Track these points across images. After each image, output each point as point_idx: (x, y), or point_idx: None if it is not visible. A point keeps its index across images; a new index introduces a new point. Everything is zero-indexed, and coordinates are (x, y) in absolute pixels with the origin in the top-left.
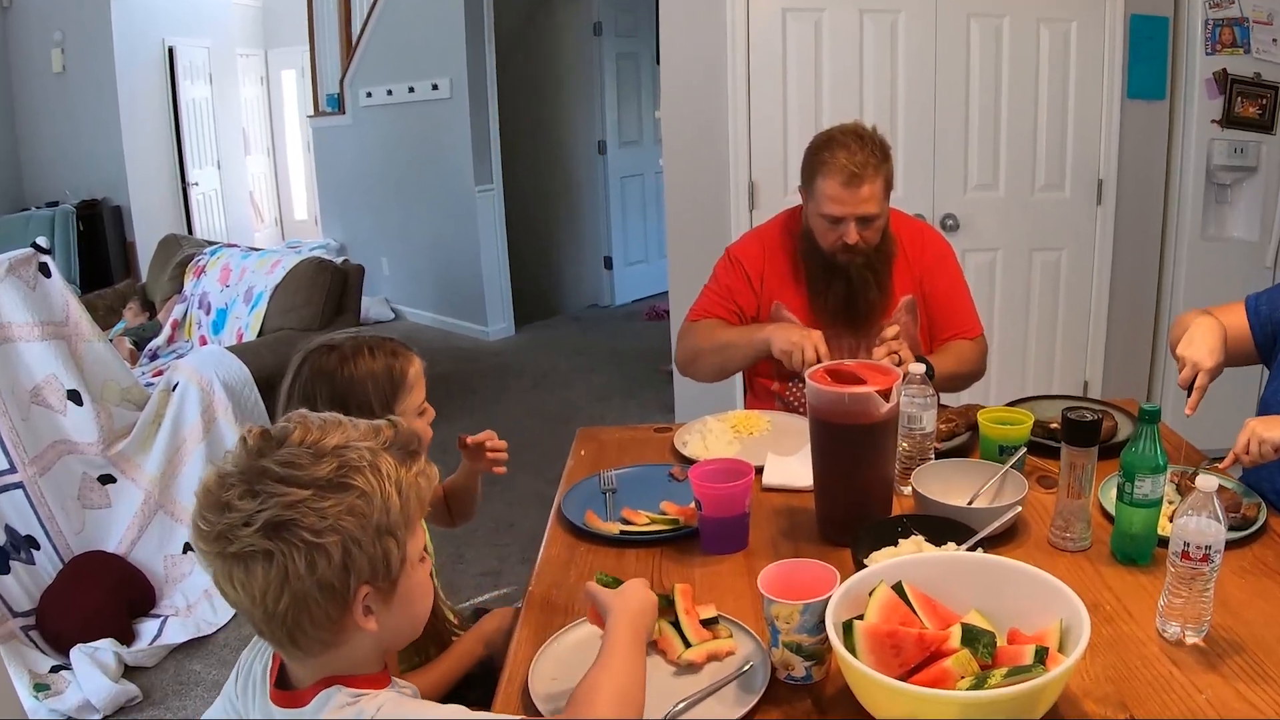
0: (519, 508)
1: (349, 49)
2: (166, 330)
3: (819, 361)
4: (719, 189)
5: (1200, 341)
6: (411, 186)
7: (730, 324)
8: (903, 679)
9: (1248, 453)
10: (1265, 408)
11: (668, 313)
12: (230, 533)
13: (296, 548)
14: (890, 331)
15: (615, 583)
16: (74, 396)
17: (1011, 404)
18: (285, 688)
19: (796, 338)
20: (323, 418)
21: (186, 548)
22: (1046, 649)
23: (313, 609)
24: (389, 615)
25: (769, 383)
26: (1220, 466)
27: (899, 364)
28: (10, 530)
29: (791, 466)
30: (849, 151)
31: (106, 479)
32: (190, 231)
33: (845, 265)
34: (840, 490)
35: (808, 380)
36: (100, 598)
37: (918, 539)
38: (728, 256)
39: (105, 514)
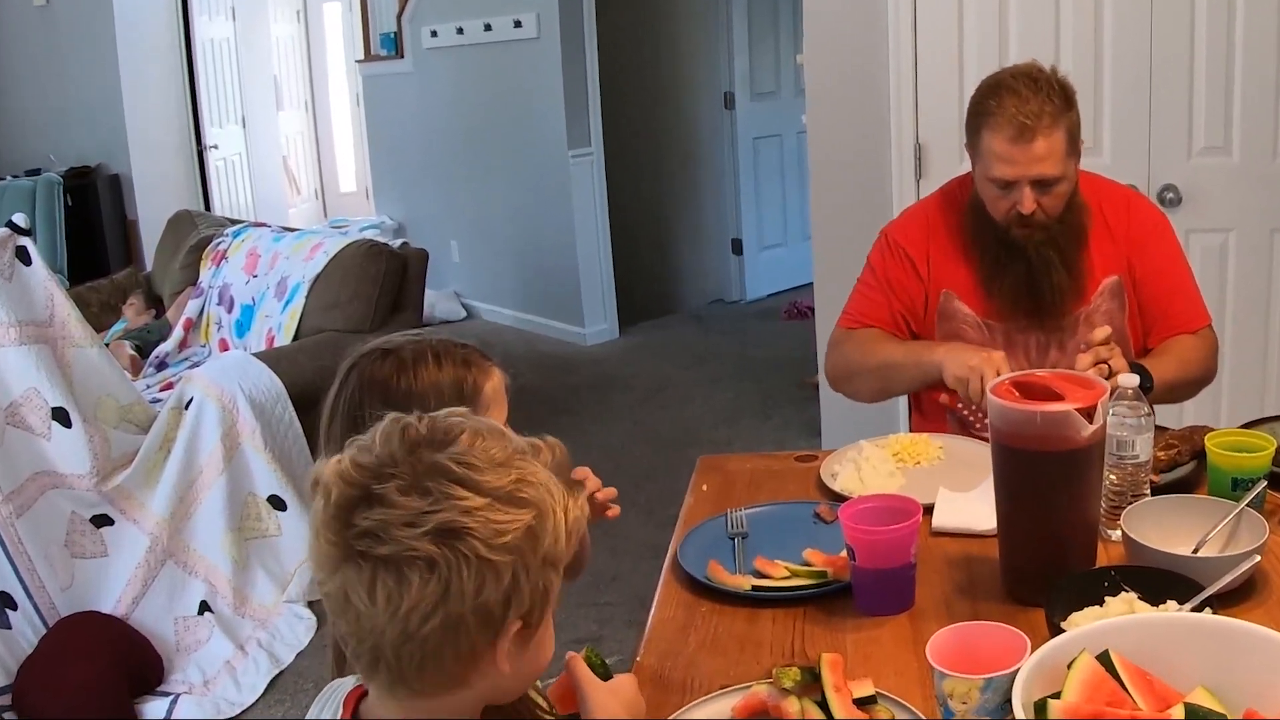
0: (624, 557)
1: None
2: (178, 332)
3: None
4: (877, 153)
5: None
6: (488, 150)
7: (894, 336)
8: None
9: None
10: None
11: (812, 310)
12: (384, 530)
13: (468, 561)
14: (1100, 334)
15: (603, 665)
16: (60, 416)
17: (1248, 425)
18: None
19: (974, 361)
20: (484, 420)
21: (203, 608)
22: None
23: (460, 637)
24: (518, 662)
25: (938, 394)
26: None
27: (1108, 376)
28: None
29: (969, 505)
30: (1019, 99)
31: (102, 520)
32: (208, 207)
33: (1022, 241)
34: (1031, 535)
35: (989, 395)
36: (93, 670)
37: (1129, 596)
38: (884, 240)
39: (100, 565)
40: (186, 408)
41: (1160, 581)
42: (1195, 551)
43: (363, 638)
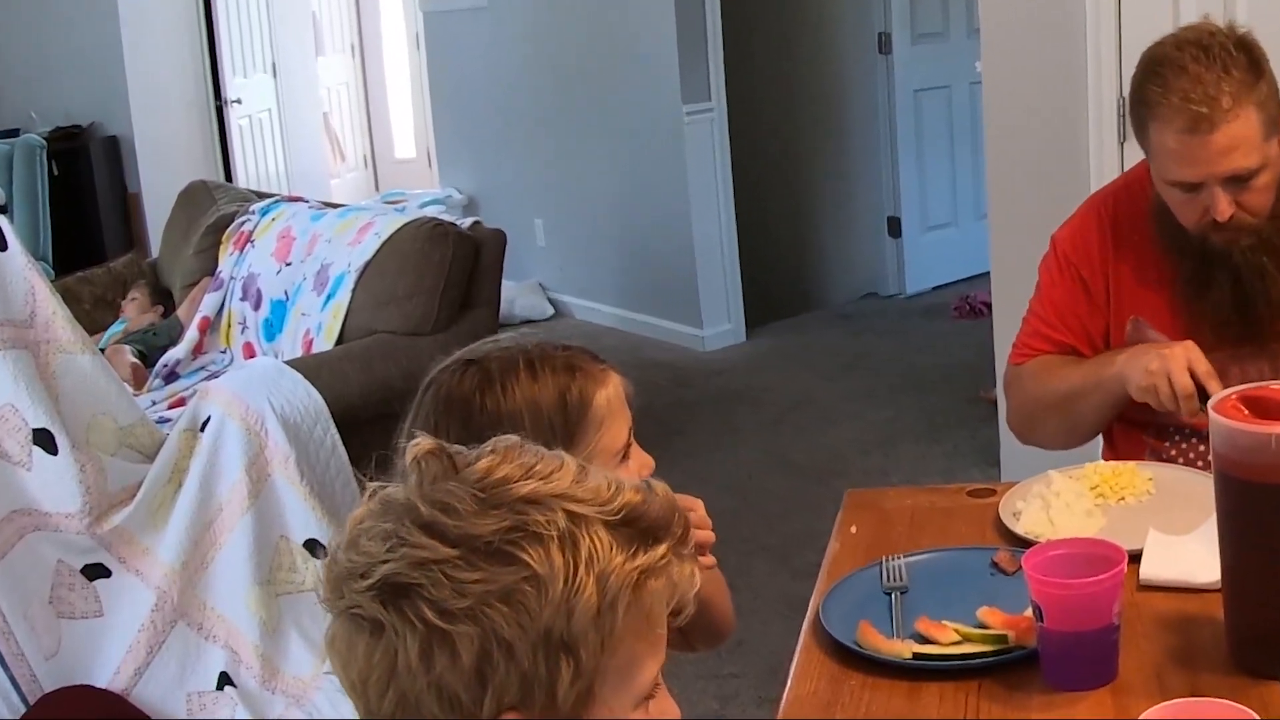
0: (753, 617)
1: None
2: (191, 334)
3: (1194, 390)
4: (1070, 109)
5: None
6: (582, 107)
7: (1071, 359)
8: None
9: None
10: None
11: (989, 306)
12: (346, 583)
13: (412, 627)
14: None
15: None
16: (43, 440)
17: None
18: None
19: (1155, 365)
20: (543, 453)
21: (223, 680)
22: None
23: None
24: None
25: (1138, 432)
26: None
27: None
28: None
29: (1186, 551)
30: (1188, 78)
31: (96, 571)
32: (229, 177)
33: (1225, 247)
34: (1264, 588)
35: (1210, 414)
36: None
37: None
38: (1054, 253)
39: (94, 627)
40: (202, 429)
41: None
42: None
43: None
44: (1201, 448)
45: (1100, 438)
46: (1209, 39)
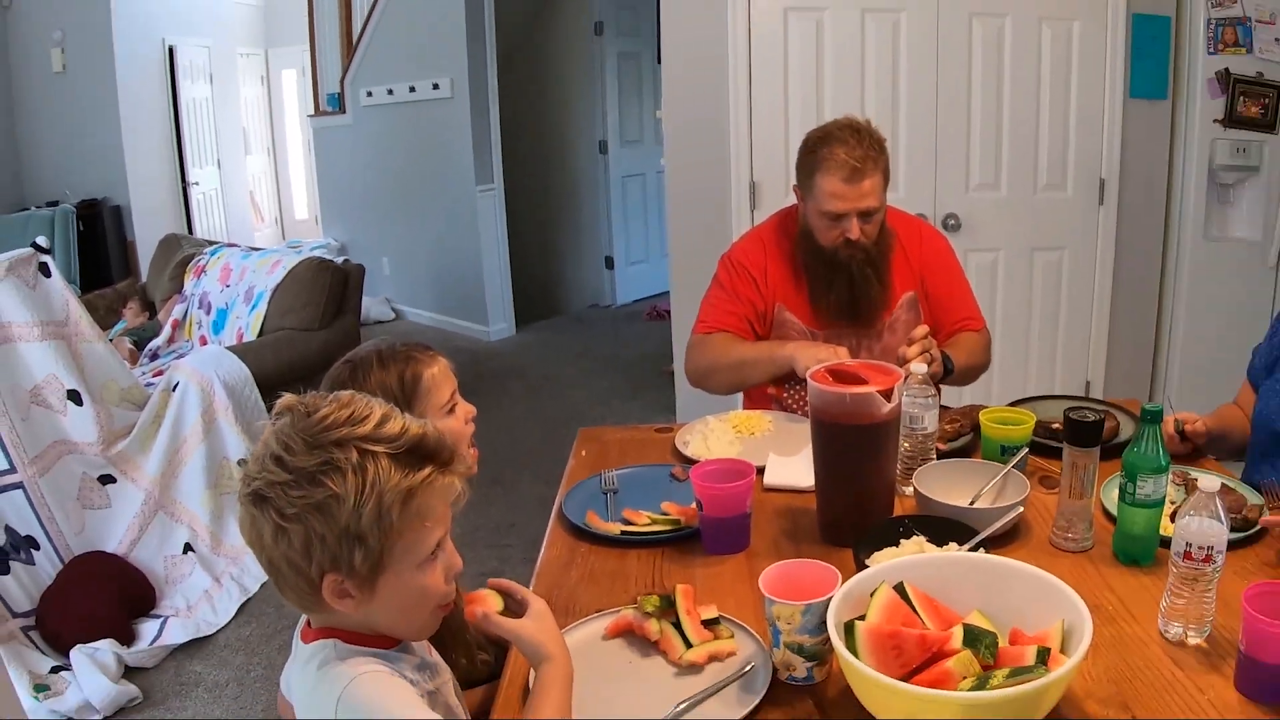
0: (520, 509)
1: (350, 48)
2: (167, 330)
3: None
4: (720, 188)
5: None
6: (413, 186)
7: (743, 338)
8: (904, 680)
9: None
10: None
11: (668, 312)
12: (242, 485)
13: (268, 521)
14: (920, 331)
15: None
16: (74, 397)
17: (1013, 404)
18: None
19: (824, 355)
20: (365, 402)
21: (187, 548)
22: (1048, 650)
23: (285, 574)
24: (370, 606)
25: (767, 388)
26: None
27: (931, 361)
28: (10, 530)
29: (793, 467)
30: (848, 147)
31: (106, 479)
32: (191, 231)
33: (846, 262)
34: (841, 491)
35: (809, 380)
36: (100, 598)
37: (919, 540)
38: (729, 262)
39: (105, 514)
40: (174, 390)
41: (944, 527)
42: (971, 504)
43: None
44: (804, 398)
45: (740, 394)
46: (858, 124)
